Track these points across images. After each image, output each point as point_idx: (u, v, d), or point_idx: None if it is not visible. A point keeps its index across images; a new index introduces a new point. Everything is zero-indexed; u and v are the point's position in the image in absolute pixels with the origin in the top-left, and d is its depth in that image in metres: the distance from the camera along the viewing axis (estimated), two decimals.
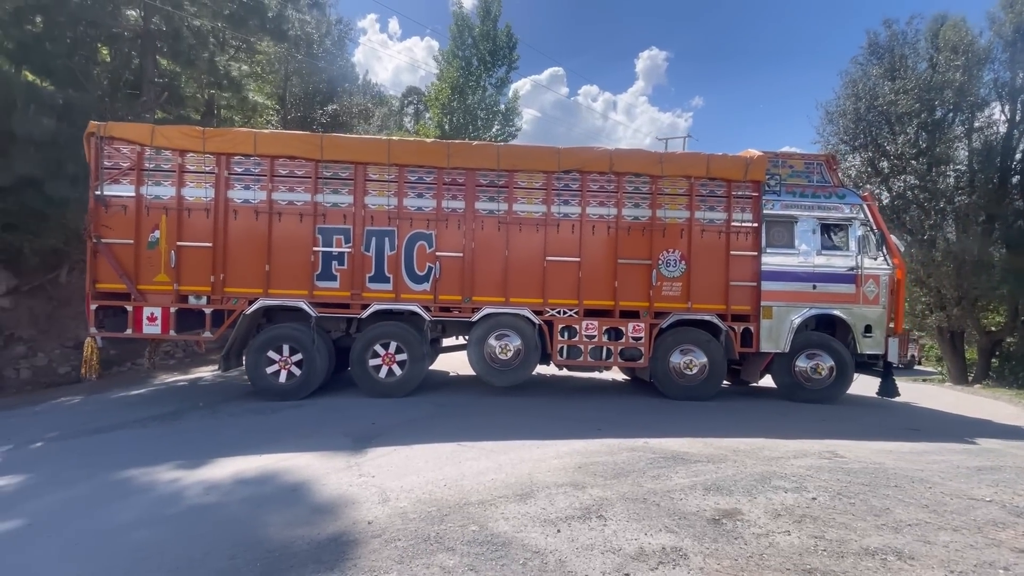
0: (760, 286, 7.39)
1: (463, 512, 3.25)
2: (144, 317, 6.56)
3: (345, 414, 6.03)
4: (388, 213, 6.90)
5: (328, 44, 18.17)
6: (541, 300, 7.09)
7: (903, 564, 2.73)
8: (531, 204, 7.14)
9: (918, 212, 18.63)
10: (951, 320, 18.36)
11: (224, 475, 4.00)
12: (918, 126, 17.83)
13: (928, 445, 5.57)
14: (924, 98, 17.50)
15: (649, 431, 5.43)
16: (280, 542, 2.89)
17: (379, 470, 4.08)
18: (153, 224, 6.62)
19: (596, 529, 3.03)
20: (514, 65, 24.61)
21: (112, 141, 6.58)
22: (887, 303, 7.67)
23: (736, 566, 2.66)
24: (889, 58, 18.94)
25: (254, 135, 6.82)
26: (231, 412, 6.15)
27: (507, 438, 5.05)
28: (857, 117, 19.12)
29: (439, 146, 7.16)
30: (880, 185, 19.23)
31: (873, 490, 3.83)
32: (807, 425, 6.23)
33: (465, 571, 2.55)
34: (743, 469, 4.21)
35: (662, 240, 7.26)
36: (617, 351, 7.19)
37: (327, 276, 6.82)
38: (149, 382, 8.33)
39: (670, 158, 7.53)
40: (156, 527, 3.15)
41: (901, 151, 18.23)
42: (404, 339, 6.88)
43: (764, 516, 3.28)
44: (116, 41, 10.78)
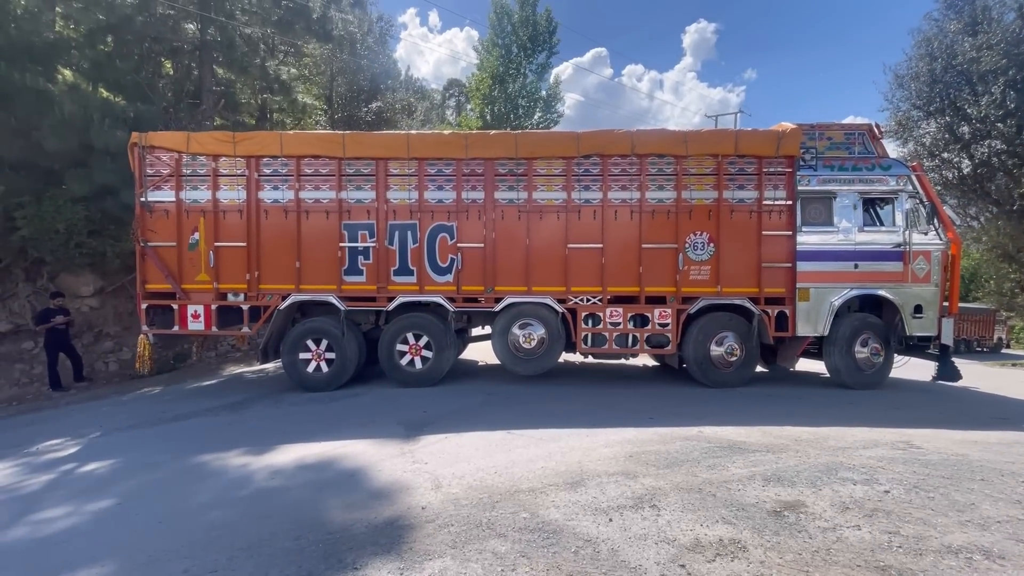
0: (796, 267, 7.03)
1: (514, 499, 3.27)
2: (189, 314, 6.99)
3: (397, 403, 6.21)
4: (410, 207, 7.03)
5: (370, 42, 18.54)
6: (564, 288, 7.04)
7: (992, 564, 2.51)
8: (551, 191, 7.07)
9: (1006, 180, 16.91)
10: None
11: (287, 461, 4.22)
12: (1005, 84, 16.09)
13: (1019, 435, 5.08)
14: (1012, 53, 15.74)
15: (703, 420, 5.26)
16: (340, 524, 3.02)
17: (431, 457, 4.18)
18: (192, 226, 7.02)
19: (649, 519, 2.97)
20: (555, 50, 24.20)
21: (153, 150, 7.00)
22: (939, 281, 7.14)
23: (800, 560, 2.53)
24: (970, 10, 17.15)
25: (280, 136, 7.07)
26: (292, 402, 6.49)
27: (556, 426, 5.04)
28: (932, 79, 17.49)
29: (457, 138, 7.15)
30: (960, 153, 17.59)
31: (955, 484, 3.53)
32: (876, 413, 5.84)
33: (517, 557, 2.57)
34: (806, 459, 4.00)
35: (688, 222, 7.03)
36: (643, 338, 7.07)
37: (354, 271, 7.03)
38: (219, 373, 8.92)
39: (695, 136, 7.19)
40: (228, 508, 3.37)
41: (985, 113, 16.55)
42: (429, 330, 7.03)
43: (830, 509, 3.11)
44: (177, 55, 11.46)
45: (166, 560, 2.72)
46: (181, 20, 11.07)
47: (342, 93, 17.52)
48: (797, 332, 7.05)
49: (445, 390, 6.81)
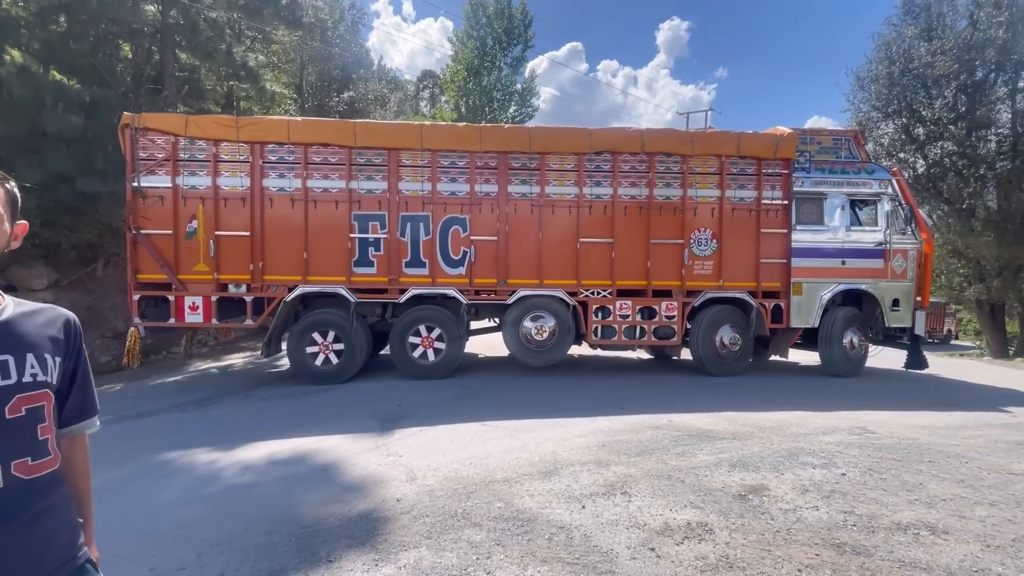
0: (790, 263, 7.43)
1: (489, 489, 3.31)
2: (186, 306, 6.66)
3: (372, 397, 6.17)
4: (422, 198, 6.94)
5: (342, 30, 18.15)
6: (575, 281, 7.14)
7: (936, 539, 2.68)
8: (563, 186, 7.15)
9: (956, 180, 17.79)
10: (991, 292, 17.63)
11: (258, 456, 4.15)
12: (957, 89, 16.90)
13: (964, 420, 5.41)
14: (964, 58, 16.54)
15: (673, 409, 5.41)
16: (313, 519, 3.00)
17: (406, 450, 4.17)
18: (190, 214, 6.68)
19: (621, 505, 3.06)
20: (530, 43, 24.18)
21: (146, 132, 6.60)
22: (914, 277, 7.71)
23: (763, 541, 2.65)
24: (926, 17, 17.92)
25: (287, 123, 6.82)
26: (263, 397, 6.36)
27: (531, 417, 5.10)
28: (891, 82, 18.22)
29: (471, 130, 7.14)
30: (915, 153, 18.40)
31: (906, 465, 3.75)
32: (836, 401, 6.12)
33: (492, 546, 2.61)
34: (769, 446, 4.17)
35: (693, 219, 7.31)
36: (651, 330, 7.27)
37: (364, 262, 6.90)
38: (184, 369, 8.65)
39: (701, 137, 7.49)
40: (197, 505, 3.30)
41: (938, 116, 17.35)
42: (441, 322, 6.97)
43: (791, 492, 3.26)
44: (136, 37, 10.96)
45: (131, 558, 2.65)
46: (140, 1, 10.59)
47: (312, 82, 17.12)
48: (791, 324, 7.45)
49: (420, 383, 6.79)
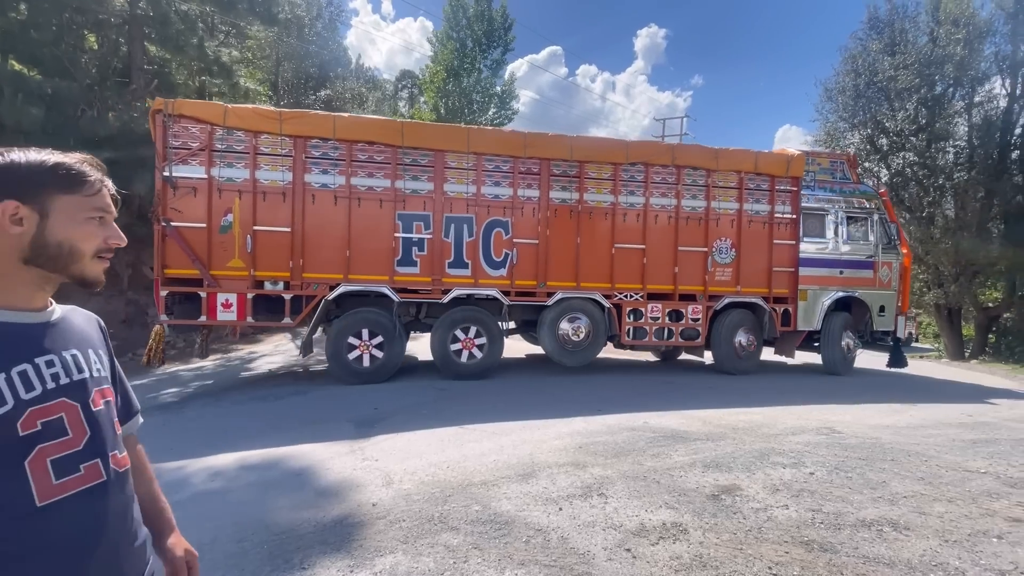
0: (798, 271, 8.16)
1: (466, 493, 3.30)
2: (219, 303, 6.36)
3: (347, 400, 6.07)
4: (467, 200, 7.02)
5: (319, 27, 17.90)
6: (609, 284, 7.48)
7: (898, 534, 2.78)
8: (600, 194, 7.48)
9: (917, 189, 18.54)
10: (949, 297, 18.41)
11: (228, 462, 4.04)
12: (918, 102, 17.65)
13: (924, 420, 5.63)
14: (924, 73, 17.29)
15: (648, 410, 5.48)
16: (286, 525, 2.93)
17: (382, 454, 4.12)
18: (226, 208, 6.38)
19: (597, 507, 3.08)
20: (510, 46, 24.24)
21: (180, 120, 6.27)
22: (897, 286, 8.65)
23: (735, 540, 2.71)
24: (889, 32, 18.67)
25: (333, 119, 6.74)
26: (234, 400, 6.20)
27: (509, 420, 5.10)
28: (856, 94, 18.92)
29: (516, 136, 7.33)
30: (879, 163, 19.12)
31: (870, 464, 3.88)
32: (805, 403, 6.30)
33: (469, 549, 2.60)
34: (742, 446, 4.26)
35: (715, 229, 7.84)
36: (678, 331, 7.76)
37: (407, 262, 6.88)
38: (152, 372, 8.37)
39: (724, 154, 7.94)
40: None
41: (900, 128, 18.08)
42: (483, 323, 7.09)
43: (763, 491, 3.33)
44: (103, 28, 10.59)
45: None
46: None
47: (288, 79, 16.84)
48: (798, 327, 8.18)
49: (397, 386, 6.73)
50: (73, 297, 1.24)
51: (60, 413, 0.87)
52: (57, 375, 0.89)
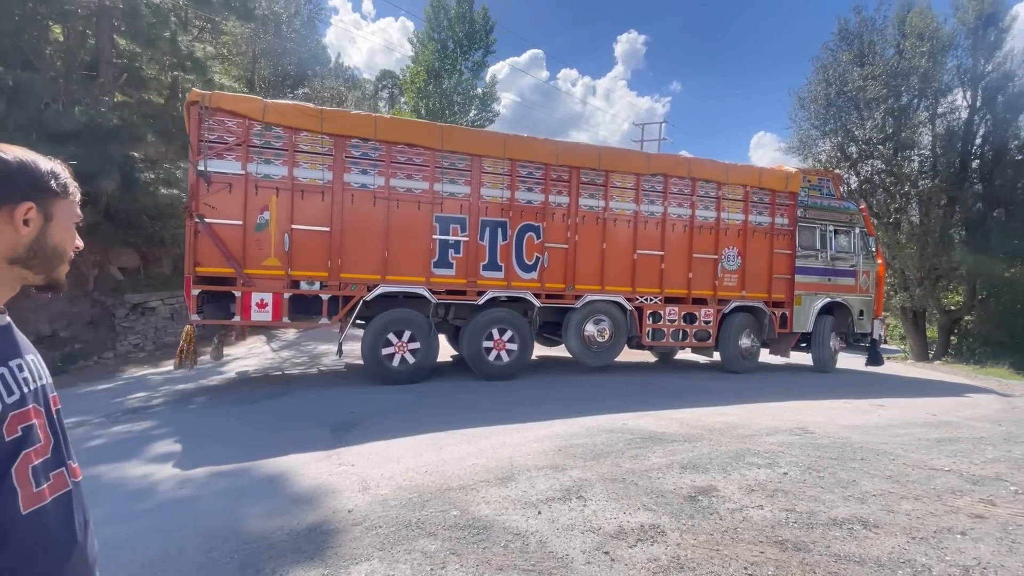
0: (794, 278, 8.85)
1: (444, 497, 3.26)
2: (253, 303, 6.20)
3: (323, 404, 5.96)
4: (501, 205, 7.21)
5: (297, 25, 17.60)
6: (631, 288, 7.85)
7: (868, 532, 2.85)
8: (624, 202, 7.83)
9: (884, 196, 19.18)
10: (914, 300, 19.07)
11: (199, 468, 3.91)
12: (885, 111, 18.27)
13: (892, 419, 5.81)
14: (891, 84, 17.90)
15: (627, 412, 5.52)
16: (258, 533, 2.85)
17: (359, 459, 4.05)
18: (262, 205, 6.23)
19: (576, 510, 3.08)
20: (491, 49, 24.26)
21: (216, 112, 6.08)
22: (874, 292, 9.59)
23: (712, 540, 2.74)
24: (858, 44, 19.28)
25: (374, 119, 6.79)
26: (206, 405, 6.02)
27: (487, 423, 5.07)
28: (828, 103, 19.47)
29: (549, 144, 7.52)
30: (849, 169, 19.70)
31: (841, 464, 3.98)
32: (779, 404, 6.43)
33: (447, 555, 2.56)
34: (718, 447, 4.32)
35: (724, 238, 8.38)
36: (692, 333, 8.24)
37: (444, 263, 6.96)
38: (118, 376, 8.08)
39: (733, 169, 8.54)
40: (128, 523, 3.07)
41: (869, 136, 18.67)
42: (515, 325, 7.27)
43: (738, 492, 3.38)
44: (69, 19, 10.20)
45: None
46: None
47: (265, 76, 16.50)
48: (793, 329, 8.89)
49: (374, 389, 6.63)
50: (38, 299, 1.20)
51: (34, 420, 0.85)
52: (27, 379, 0.87)
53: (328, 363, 8.53)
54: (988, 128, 18.26)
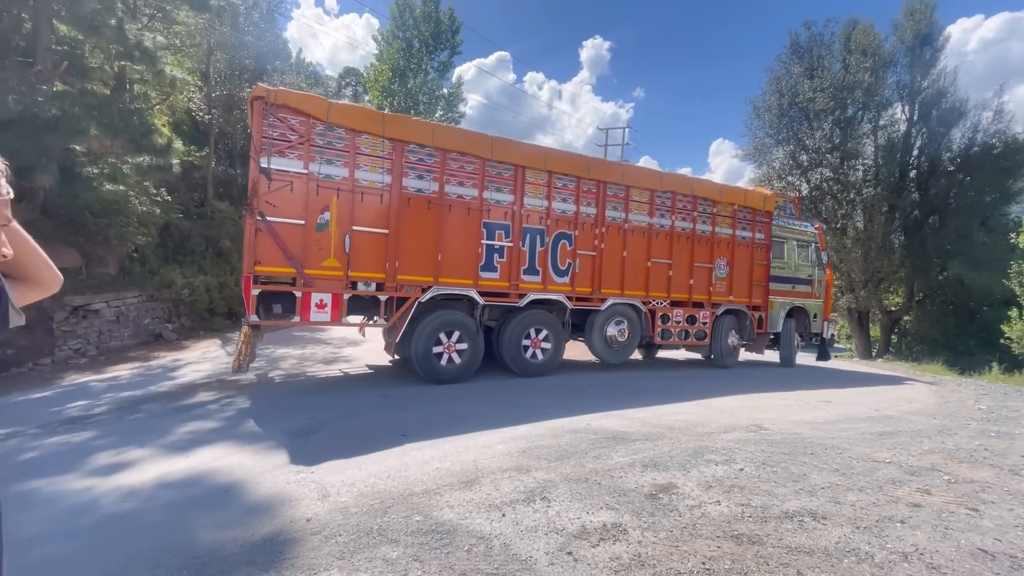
0: (768, 286, 10.22)
1: (407, 503, 3.21)
2: (312, 304, 6.22)
3: (281, 410, 5.76)
4: (540, 213, 7.75)
5: (256, 17, 17.00)
6: (644, 293, 8.71)
7: (817, 524, 2.98)
8: (640, 215, 8.66)
9: (832, 202, 20.17)
10: (859, 301, 20.14)
11: (145, 479, 3.71)
12: (832, 122, 19.25)
13: (839, 415, 6.11)
14: (838, 96, 18.88)
15: (591, 412, 5.59)
16: (209, 546, 2.72)
17: (318, 465, 3.93)
18: (323, 205, 6.25)
19: (540, 511, 3.09)
20: (457, 49, 24.15)
21: (280, 110, 6.05)
22: (823, 298, 11.22)
23: (671, 537, 2.80)
24: (808, 58, 20.25)
25: (432, 127, 7.00)
26: (154, 412, 5.72)
27: (452, 426, 5.02)
28: (781, 112, 20.35)
29: (583, 159, 8.32)
30: (800, 177, 20.63)
31: (793, 458, 4.15)
32: (737, 401, 6.66)
33: (409, 562, 2.52)
34: (678, 445, 4.43)
35: (717, 249, 9.50)
36: (693, 333, 9.31)
37: (489, 267, 7.36)
38: (56, 383, 7.57)
39: (725, 189, 9.79)
40: (65, 541, 2.87)
41: (818, 145, 19.62)
42: (550, 325, 7.85)
43: (697, 488, 3.48)
44: (2, 1, 9.51)
45: None
46: None
47: (221, 69, 15.86)
48: (768, 330, 10.31)
49: (337, 394, 6.47)
50: None
51: None
52: None
53: (286, 367, 8.27)
54: (924, 141, 19.54)
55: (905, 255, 18.83)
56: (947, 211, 18.73)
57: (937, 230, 18.63)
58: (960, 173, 18.80)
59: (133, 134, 10.29)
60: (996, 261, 16.69)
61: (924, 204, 19.14)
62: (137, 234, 10.98)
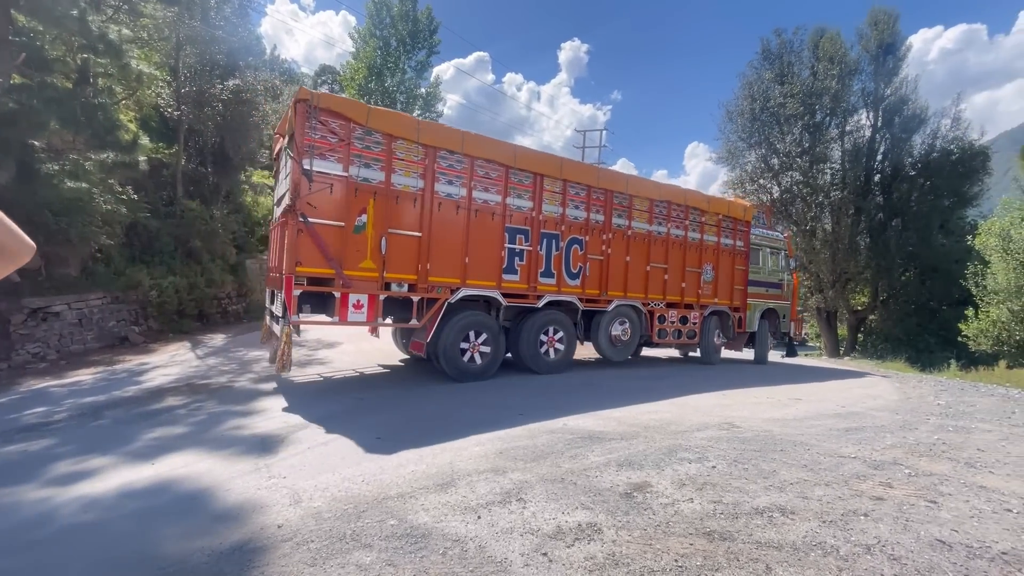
0: (747, 289, 11.02)
1: (381, 507, 3.17)
2: (350, 304, 6.38)
3: (253, 415, 5.63)
4: (555, 219, 8.12)
5: (228, 12, 16.57)
6: (643, 295, 9.26)
7: (786, 519, 3.06)
8: (641, 222, 9.21)
9: (802, 205, 20.74)
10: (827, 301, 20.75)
11: (107, 489, 3.58)
12: (802, 127, 19.81)
13: (807, 412, 6.29)
14: (807, 102, 19.43)
15: (568, 413, 5.62)
16: (175, 557, 2.64)
17: (291, 470, 3.86)
18: (360, 207, 6.41)
19: (516, 512, 3.09)
20: (435, 49, 24.03)
21: (322, 113, 6.17)
22: (790, 300, 12.23)
23: (645, 535, 2.84)
24: (779, 64, 20.79)
25: (463, 135, 7.22)
26: (118, 418, 5.52)
27: (428, 429, 4.99)
28: (753, 117, 20.84)
29: (593, 169, 8.93)
30: (772, 180, 21.16)
31: (763, 455, 4.25)
32: (710, 400, 6.78)
33: (383, 567, 2.49)
34: (652, 444, 4.49)
35: (705, 255, 10.18)
36: (685, 332, 9.99)
37: (511, 270, 7.69)
38: (13, 389, 7.23)
39: (713, 199, 10.47)
40: (19, 555, 2.75)
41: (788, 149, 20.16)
42: (564, 325, 8.33)
43: (671, 487, 3.53)
44: None
45: None
46: None
47: (191, 64, 15.39)
48: (746, 329, 11.11)
49: (309, 398, 6.35)
50: None
51: None
52: None
53: (259, 371, 8.08)
54: (887, 146, 20.27)
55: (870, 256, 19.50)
56: (909, 214, 19.47)
57: (900, 232, 19.36)
58: (921, 178, 19.57)
59: (97, 130, 9.92)
60: (955, 263, 17.43)
61: (888, 207, 19.86)
62: (101, 233, 10.57)
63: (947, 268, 18.10)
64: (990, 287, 13.90)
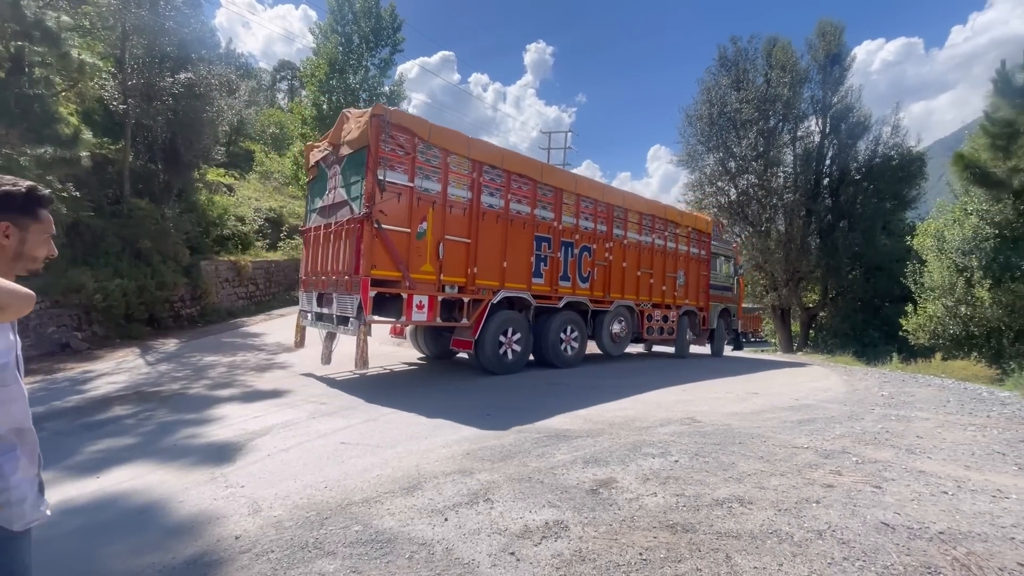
0: (709, 292, 12.64)
1: (346, 513, 3.10)
2: (414, 305, 6.92)
3: (208, 422, 5.39)
4: (571, 229, 9.11)
5: (179, 2, 15.82)
6: (635, 297, 10.52)
7: (744, 509, 3.18)
8: (635, 233, 10.53)
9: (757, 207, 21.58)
10: (781, 299, 21.64)
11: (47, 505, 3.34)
12: (757, 132, 20.60)
13: (764, 406, 6.54)
14: (761, 108, 20.24)
15: (535, 412, 5.65)
16: (123, 575, 2.50)
17: (250, 479, 3.72)
18: (421, 215, 7.02)
19: (483, 513, 3.08)
20: (399, 47, 23.70)
21: (393, 128, 6.69)
22: (738, 301, 14.10)
23: (611, 531, 2.88)
24: (735, 71, 21.57)
25: (502, 152, 8.08)
26: (59, 429, 5.18)
27: (394, 432, 4.92)
28: (711, 121, 21.54)
29: (600, 185, 10.03)
30: (729, 183, 21.91)
31: (723, 448, 4.40)
32: (672, 396, 6.96)
33: (347, 574, 2.43)
34: (617, 441, 4.57)
35: (679, 263, 11.73)
36: (666, 329, 11.39)
37: (537, 274, 8.56)
38: None
39: (685, 214, 12.27)
40: None
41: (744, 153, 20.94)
42: (578, 324, 9.24)
43: (635, 482, 3.60)
44: None
45: None
46: None
47: (139, 56, 14.60)
48: (708, 327, 12.81)
49: (271, 402, 6.14)
50: None
51: None
52: None
53: (215, 376, 7.76)
54: (835, 151, 21.35)
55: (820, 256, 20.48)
56: (855, 216, 20.56)
57: (847, 233, 20.41)
58: (865, 181, 20.70)
59: (33, 122, 9.31)
60: (896, 262, 18.51)
61: (836, 209, 20.92)
62: None
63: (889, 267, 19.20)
64: (927, 284, 14.84)
